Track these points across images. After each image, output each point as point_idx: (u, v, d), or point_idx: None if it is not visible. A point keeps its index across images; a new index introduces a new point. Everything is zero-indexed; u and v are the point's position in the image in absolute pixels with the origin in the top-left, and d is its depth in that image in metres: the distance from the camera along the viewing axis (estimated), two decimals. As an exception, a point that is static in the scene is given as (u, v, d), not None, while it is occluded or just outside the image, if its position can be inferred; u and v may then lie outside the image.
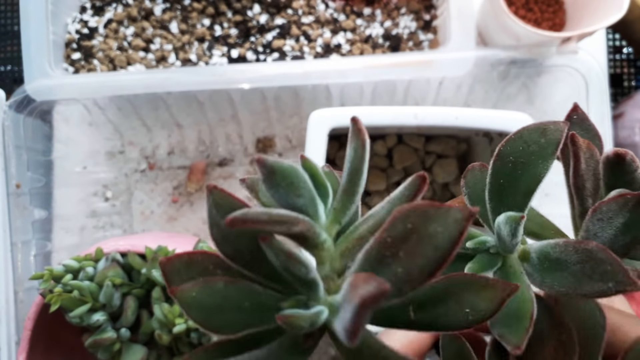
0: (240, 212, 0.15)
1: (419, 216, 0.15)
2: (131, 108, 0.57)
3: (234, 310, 0.16)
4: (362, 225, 0.18)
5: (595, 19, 0.50)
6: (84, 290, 0.38)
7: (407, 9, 0.56)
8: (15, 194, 0.52)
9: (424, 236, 0.15)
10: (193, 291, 0.16)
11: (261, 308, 0.17)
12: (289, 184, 0.17)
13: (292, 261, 0.16)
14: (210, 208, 0.18)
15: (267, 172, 0.17)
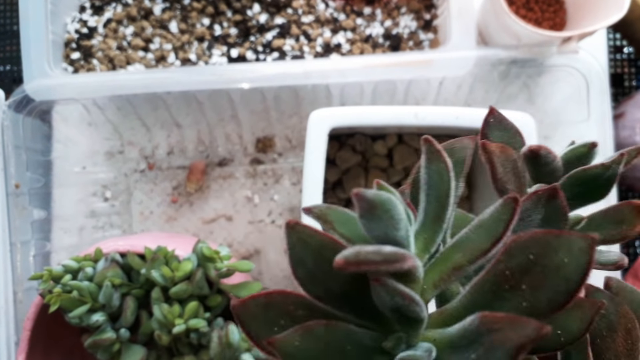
0: (352, 253, 0.14)
1: (540, 246, 0.15)
2: (130, 108, 0.57)
3: (338, 355, 0.15)
4: (456, 254, 0.17)
5: (595, 18, 0.50)
6: (84, 290, 0.38)
7: (407, 8, 0.56)
8: (15, 194, 0.51)
9: (549, 268, 0.14)
10: (295, 340, 0.15)
11: (363, 350, 0.16)
12: (390, 217, 0.16)
13: (409, 303, 0.15)
14: (294, 246, 0.16)
15: (367, 207, 0.16)
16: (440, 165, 0.17)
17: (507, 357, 0.12)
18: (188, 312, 0.38)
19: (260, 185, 0.58)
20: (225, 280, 0.41)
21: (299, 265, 0.16)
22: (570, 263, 0.14)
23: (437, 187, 0.17)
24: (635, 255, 0.64)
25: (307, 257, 0.16)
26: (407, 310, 0.15)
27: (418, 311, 0.15)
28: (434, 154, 0.17)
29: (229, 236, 0.58)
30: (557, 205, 0.19)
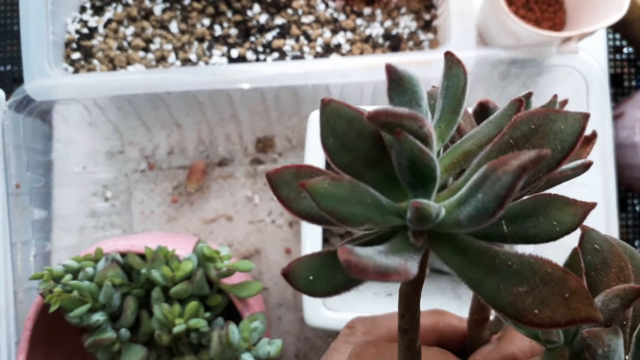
0: (383, 107, 0.16)
1: (542, 118, 0.17)
2: (131, 108, 0.57)
3: (359, 204, 0.17)
4: (467, 142, 0.19)
5: (595, 18, 0.50)
6: (84, 290, 0.38)
7: (407, 8, 0.56)
8: (15, 194, 0.52)
9: (548, 133, 0.17)
10: (325, 184, 0.17)
11: (380, 207, 0.17)
12: (414, 92, 0.18)
13: (424, 156, 0.16)
14: (328, 119, 0.18)
15: (397, 79, 0.18)
16: (459, 69, 0.20)
17: (513, 177, 0.14)
18: (188, 311, 0.38)
19: (260, 185, 0.58)
20: (225, 280, 0.41)
21: (330, 137, 0.18)
22: (566, 129, 0.17)
23: (454, 86, 0.19)
24: (635, 255, 0.64)
25: (338, 127, 0.18)
26: (422, 166, 0.17)
27: (432, 166, 0.17)
28: (453, 62, 0.20)
29: (229, 236, 0.58)
30: None
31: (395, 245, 0.17)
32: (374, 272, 0.14)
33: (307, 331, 0.57)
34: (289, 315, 0.57)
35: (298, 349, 0.57)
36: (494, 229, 0.18)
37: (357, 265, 0.14)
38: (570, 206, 0.19)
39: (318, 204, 0.16)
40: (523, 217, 0.18)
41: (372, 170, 0.18)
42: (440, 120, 0.20)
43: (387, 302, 0.50)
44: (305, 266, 0.19)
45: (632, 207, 0.64)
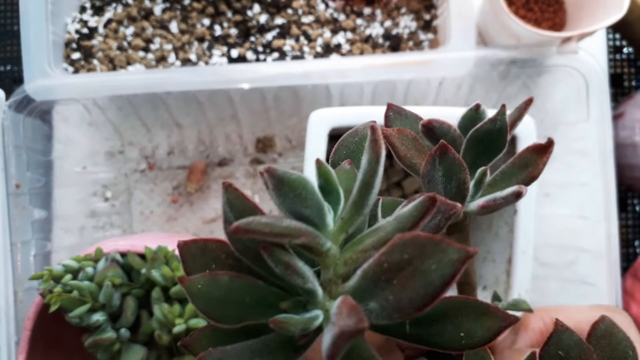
0: (245, 222, 0.15)
1: (416, 249, 0.16)
2: (131, 108, 0.57)
3: (236, 304, 0.17)
4: (367, 239, 0.18)
5: (595, 18, 0.50)
6: (84, 290, 0.38)
7: (407, 8, 0.56)
8: (15, 194, 0.52)
9: (418, 270, 0.15)
10: (199, 283, 0.17)
11: (262, 304, 0.17)
12: (297, 195, 0.17)
13: (290, 272, 0.16)
14: (224, 205, 0.18)
15: (276, 183, 0.17)
16: (372, 154, 0.18)
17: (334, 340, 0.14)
18: (188, 311, 0.38)
19: (260, 185, 0.58)
20: (225, 280, 0.41)
21: (227, 223, 0.18)
22: (437, 271, 0.15)
23: (364, 175, 0.18)
24: (635, 255, 0.64)
25: (231, 216, 0.18)
26: (295, 282, 0.17)
27: (301, 282, 0.17)
28: (371, 142, 0.18)
29: (229, 236, 0.58)
30: (451, 159, 0.21)
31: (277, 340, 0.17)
32: None
33: (307, 331, 0.57)
34: (289, 315, 0.57)
35: (298, 349, 0.57)
36: (395, 328, 0.18)
37: None
38: (487, 317, 0.18)
39: (192, 302, 0.17)
40: (430, 321, 0.18)
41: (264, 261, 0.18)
42: (346, 211, 0.19)
43: None
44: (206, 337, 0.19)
45: (632, 207, 0.64)
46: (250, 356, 0.16)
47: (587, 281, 0.51)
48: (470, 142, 0.24)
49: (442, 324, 0.18)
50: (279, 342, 0.17)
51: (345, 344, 0.14)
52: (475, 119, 0.24)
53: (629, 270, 0.56)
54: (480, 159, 0.24)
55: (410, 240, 0.16)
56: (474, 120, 0.24)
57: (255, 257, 0.18)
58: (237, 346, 0.17)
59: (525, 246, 0.43)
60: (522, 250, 0.43)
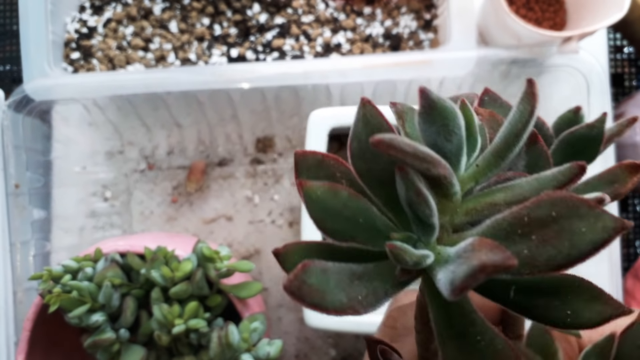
0: (389, 137, 0.15)
1: (567, 208, 0.15)
2: (130, 108, 0.57)
3: (349, 221, 0.16)
4: (499, 193, 0.17)
5: (596, 18, 0.50)
6: (83, 290, 0.38)
7: (407, 8, 0.55)
8: (14, 194, 0.51)
9: (564, 230, 0.15)
10: (319, 190, 0.16)
11: (373, 229, 0.17)
12: (444, 125, 0.17)
13: (420, 200, 0.15)
14: (358, 122, 0.18)
15: (426, 106, 0.17)
16: (527, 105, 0.17)
17: (471, 270, 0.13)
18: (188, 312, 0.38)
19: (260, 185, 0.58)
20: (225, 280, 0.41)
21: (355, 140, 0.18)
22: (586, 234, 0.14)
23: (514, 125, 0.17)
24: (636, 256, 0.64)
25: (363, 133, 0.17)
26: (421, 212, 0.16)
27: (427, 214, 0.16)
28: (527, 94, 0.17)
29: (229, 236, 0.58)
30: (539, 150, 0.20)
31: (377, 271, 0.16)
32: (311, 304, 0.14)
33: (307, 332, 0.57)
34: (289, 315, 0.57)
35: (298, 350, 0.57)
36: (498, 290, 0.17)
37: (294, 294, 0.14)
38: (598, 302, 0.17)
39: (307, 207, 0.16)
40: (537, 292, 0.17)
41: (384, 188, 0.17)
42: (483, 159, 0.18)
43: (387, 303, 0.49)
44: (298, 252, 0.18)
45: (633, 207, 0.64)
46: (350, 278, 0.15)
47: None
48: (562, 143, 0.22)
49: (550, 298, 0.17)
50: (379, 273, 0.17)
51: (481, 279, 0.13)
52: (571, 122, 0.23)
53: (630, 271, 0.56)
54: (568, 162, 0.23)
55: (561, 199, 0.15)
56: (571, 122, 0.23)
57: (374, 182, 0.17)
58: (339, 265, 0.16)
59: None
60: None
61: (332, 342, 0.56)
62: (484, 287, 0.17)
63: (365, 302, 0.15)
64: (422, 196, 0.15)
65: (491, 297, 0.17)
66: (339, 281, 0.15)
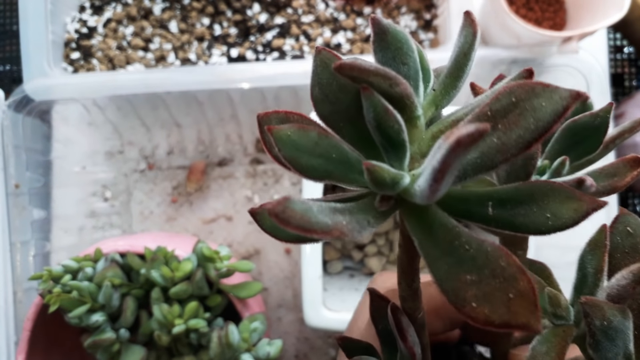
0: (350, 59, 0.15)
1: (525, 91, 0.15)
2: (130, 108, 0.57)
3: (322, 157, 0.17)
4: (459, 111, 0.18)
5: (596, 18, 0.50)
6: (83, 290, 0.38)
7: (407, 8, 0.55)
8: (14, 194, 0.51)
9: (526, 109, 0.15)
10: (289, 131, 0.16)
11: (347, 163, 0.17)
12: (398, 49, 0.17)
13: (388, 117, 0.16)
14: (316, 67, 0.18)
15: (379, 32, 0.17)
16: (469, 30, 0.18)
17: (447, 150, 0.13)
18: (188, 312, 0.38)
19: (260, 185, 0.58)
20: (225, 280, 0.41)
21: (317, 86, 0.18)
22: (547, 107, 0.15)
23: (461, 47, 0.18)
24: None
25: (324, 77, 0.18)
26: (390, 129, 0.16)
27: (397, 129, 0.16)
28: (466, 23, 0.18)
29: (229, 236, 0.58)
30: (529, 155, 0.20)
31: (359, 206, 0.17)
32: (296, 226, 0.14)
33: (306, 332, 0.57)
34: (288, 315, 0.57)
35: (298, 350, 0.57)
36: (478, 210, 0.17)
37: (278, 216, 0.14)
38: (573, 200, 0.17)
39: (279, 150, 0.16)
40: (514, 202, 0.17)
41: (351, 125, 0.18)
42: (439, 84, 0.19)
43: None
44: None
45: (633, 207, 0.64)
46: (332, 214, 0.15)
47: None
48: (564, 131, 0.22)
49: (527, 206, 0.17)
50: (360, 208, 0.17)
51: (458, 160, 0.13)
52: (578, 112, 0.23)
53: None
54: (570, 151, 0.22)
55: (518, 85, 0.15)
56: (577, 112, 0.23)
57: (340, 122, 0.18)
58: (319, 202, 0.16)
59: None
60: (523, 250, 0.43)
61: (332, 342, 0.56)
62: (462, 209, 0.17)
63: (350, 227, 0.15)
64: (390, 112, 0.16)
65: (470, 218, 0.17)
66: (322, 211, 0.15)
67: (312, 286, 0.43)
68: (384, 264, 0.55)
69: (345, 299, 0.48)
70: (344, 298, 0.49)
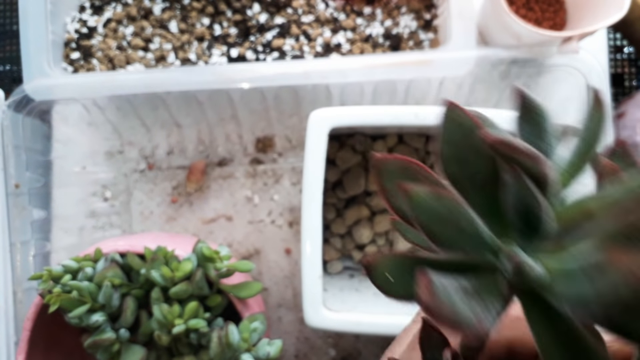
0: (502, 134, 0.14)
1: None
2: (130, 108, 0.57)
3: (454, 227, 0.16)
4: (590, 201, 0.16)
5: (596, 18, 0.50)
6: (83, 290, 0.38)
7: (407, 8, 0.55)
8: (14, 194, 0.51)
9: None
10: (424, 194, 0.16)
11: (477, 237, 0.16)
12: (538, 124, 0.17)
13: (537, 205, 0.15)
14: (447, 125, 0.17)
15: (525, 106, 0.17)
16: (599, 112, 0.17)
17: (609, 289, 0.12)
18: (188, 312, 0.38)
19: (260, 185, 0.58)
20: (225, 280, 0.41)
21: (447, 144, 0.17)
22: None
23: (589, 131, 0.17)
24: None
25: (455, 136, 0.17)
26: (531, 214, 0.15)
27: (542, 219, 0.15)
28: (596, 103, 0.18)
29: (229, 236, 0.58)
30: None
31: (481, 284, 0.15)
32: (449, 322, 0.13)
33: (307, 332, 0.57)
34: (288, 315, 0.57)
35: (298, 350, 0.57)
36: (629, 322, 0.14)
37: (433, 308, 0.13)
38: None
39: (413, 211, 0.15)
40: None
41: (481, 192, 0.17)
42: (568, 164, 0.18)
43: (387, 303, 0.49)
44: (386, 264, 0.17)
45: (633, 207, 0.64)
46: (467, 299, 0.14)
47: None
48: None
49: None
50: (485, 289, 0.16)
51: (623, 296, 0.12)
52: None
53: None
54: None
55: None
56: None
57: (469, 187, 0.17)
58: (449, 280, 0.15)
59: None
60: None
61: (332, 342, 0.56)
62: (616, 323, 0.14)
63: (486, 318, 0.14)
64: (539, 204, 0.15)
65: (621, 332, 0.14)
66: (456, 293, 0.14)
67: (312, 286, 0.43)
68: (384, 264, 0.55)
69: (345, 299, 0.48)
70: (344, 298, 0.49)
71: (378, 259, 0.17)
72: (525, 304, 0.16)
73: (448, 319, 0.13)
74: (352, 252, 0.55)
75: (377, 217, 0.54)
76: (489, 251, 0.16)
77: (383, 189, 0.17)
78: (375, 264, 0.17)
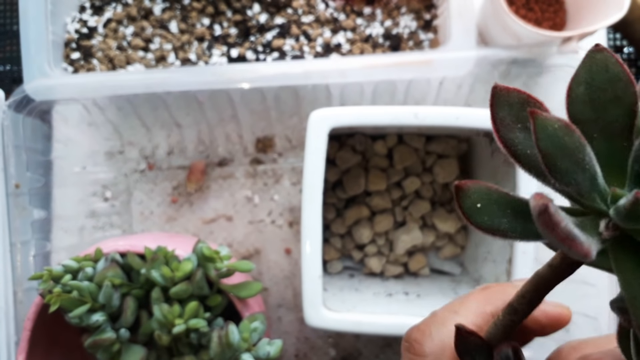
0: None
1: None
2: (130, 108, 0.57)
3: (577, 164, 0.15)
4: None
5: (596, 18, 0.50)
6: (83, 290, 0.38)
7: (407, 8, 0.55)
8: (15, 194, 0.51)
9: None
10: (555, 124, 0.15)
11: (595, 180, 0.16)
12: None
13: None
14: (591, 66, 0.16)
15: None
16: None
17: None
18: (188, 312, 0.38)
19: (260, 185, 0.58)
20: (225, 280, 0.41)
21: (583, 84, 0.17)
22: None
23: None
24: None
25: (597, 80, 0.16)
26: None
27: None
28: None
29: (229, 236, 0.58)
30: None
31: (583, 226, 0.15)
32: (563, 232, 0.13)
33: (307, 331, 0.57)
34: (288, 315, 0.57)
35: (298, 349, 0.57)
36: None
37: (550, 215, 0.13)
38: None
39: (538, 140, 0.15)
40: None
41: (607, 140, 0.16)
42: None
43: (387, 303, 0.49)
44: (479, 193, 0.17)
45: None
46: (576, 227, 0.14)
47: (588, 281, 0.51)
48: None
49: None
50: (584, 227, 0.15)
51: None
52: None
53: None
54: None
55: None
56: None
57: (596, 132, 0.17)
58: None
59: (525, 246, 0.43)
60: (523, 250, 0.43)
61: (332, 342, 0.57)
62: None
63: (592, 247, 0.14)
64: None
65: None
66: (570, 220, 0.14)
67: (312, 286, 0.43)
68: (383, 264, 0.55)
69: (345, 299, 0.48)
70: (344, 298, 0.49)
71: (472, 186, 0.17)
72: (618, 251, 0.15)
73: (565, 232, 0.13)
74: (352, 252, 0.55)
75: (377, 217, 0.54)
76: (600, 196, 0.15)
77: (496, 118, 0.17)
78: (466, 190, 0.17)
